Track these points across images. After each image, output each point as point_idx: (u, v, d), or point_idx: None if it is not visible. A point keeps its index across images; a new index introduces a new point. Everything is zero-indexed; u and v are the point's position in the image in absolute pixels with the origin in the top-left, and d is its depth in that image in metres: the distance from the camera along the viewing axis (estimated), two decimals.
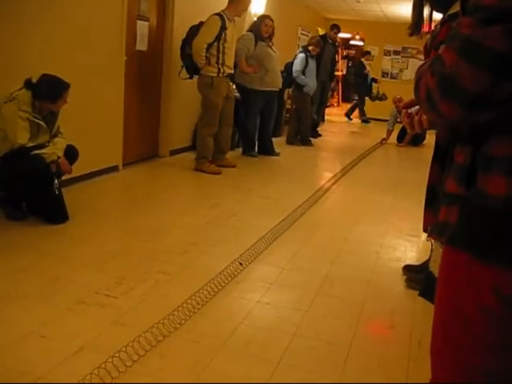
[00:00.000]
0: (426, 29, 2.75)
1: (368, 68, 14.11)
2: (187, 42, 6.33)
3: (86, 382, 2.20)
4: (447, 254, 1.33)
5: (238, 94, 7.59)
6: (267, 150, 8.13)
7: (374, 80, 14.14)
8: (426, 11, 2.54)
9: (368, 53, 14.53)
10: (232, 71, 6.70)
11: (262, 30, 7.57)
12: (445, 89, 1.17)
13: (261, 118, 8.08)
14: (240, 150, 8.06)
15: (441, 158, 1.40)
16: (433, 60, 1.20)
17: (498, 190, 1.16)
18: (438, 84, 1.17)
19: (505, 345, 1.29)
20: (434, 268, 3.19)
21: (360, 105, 14.42)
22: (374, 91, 13.93)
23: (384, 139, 10.62)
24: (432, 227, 1.44)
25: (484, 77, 1.10)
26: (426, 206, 1.51)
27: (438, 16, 2.62)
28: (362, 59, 14.26)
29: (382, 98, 13.66)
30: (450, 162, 1.33)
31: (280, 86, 8.17)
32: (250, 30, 7.73)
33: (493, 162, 1.18)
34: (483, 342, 1.29)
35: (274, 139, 8.40)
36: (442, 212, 1.33)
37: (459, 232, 1.25)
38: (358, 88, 14.33)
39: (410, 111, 1.65)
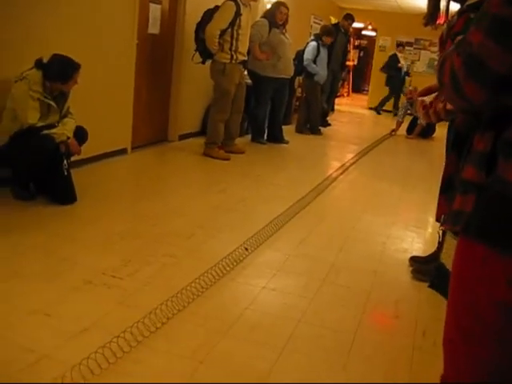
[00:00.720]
0: (441, 20, 2.73)
1: (402, 61, 13.58)
2: (201, 26, 6.28)
3: (90, 360, 2.20)
4: (462, 246, 1.31)
5: (249, 81, 7.57)
6: (277, 138, 8.11)
7: (407, 74, 13.65)
8: (443, 2, 2.51)
9: (401, 45, 14.13)
10: (245, 58, 6.66)
11: (276, 17, 7.52)
12: (470, 69, 1.14)
13: (272, 106, 8.05)
14: (249, 136, 8.04)
15: (458, 147, 1.37)
16: (459, 42, 1.17)
17: None
18: (464, 63, 1.14)
19: None
20: (446, 260, 3.17)
21: (387, 97, 14.00)
22: (406, 85, 13.37)
23: (393, 130, 10.57)
24: (446, 216, 1.42)
25: (511, 57, 1.08)
26: (440, 196, 1.49)
27: (454, 7, 2.60)
28: (396, 51, 13.83)
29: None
30: (468, 149, 1.30)
31: (292, 74, 8.14)
32: (264, 16, 7.68)
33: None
34: (495, 335, 1.27)
35: (284, 127, 8.38)
36: (456, 201, 1.31)
37: (474, 220, 1.23)
38: (391, 81, 13.70)
39: (425, 102, 1.63)
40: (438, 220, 1.42)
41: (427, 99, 1.61)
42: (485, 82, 1.12)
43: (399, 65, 13.44)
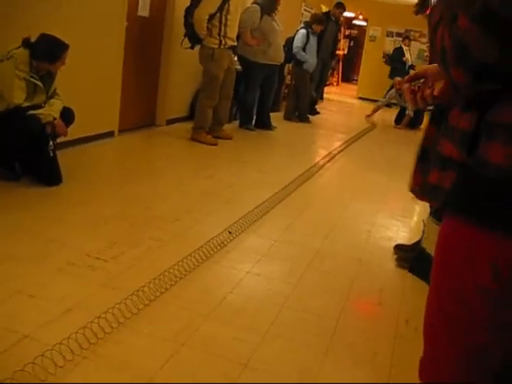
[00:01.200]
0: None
1: (407, 55, 13.03)
2: (190, 10, 6.24)
3: (71, 340, 2.20)
4: (446, 227, 1.31)
5: (239, 67, 7.55)
6: (264, 124, 8.10)
7: (412, 67, 12.96)
8: None
9: (407, 37, 13.55)
10: (235, 43, 6.63)
11: (275, 3, 7.56)
12: (457, 53, 1.14)
13: (261, 92, 8.05)
14: (237, 122, 8.02)
15: (438, 120, 1.37)
16: (451, 17, 1.15)
17: (498, 158, 1.15)
18: (453, 46, 1.14)
19: (500, 325, 1.29)
20: (427, 245, 3.21)
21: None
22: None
23: (368, 115, 10.60)
24: (420, 188, 1.42)
25: (494, 48, 1.07)
26: (416, 167, 1.49)
27: None
28: (402, 44, 13.24)
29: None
30: (445, 123, 1.31)
31: (282, 61, 8.13)
32: (256, 2, 7.67)
33: (496, 130, 1.16)
34: (484, 322, 1.28)
35: (271, 114, 8.37)
36: (433, 174, 1.32)
37: (454, 197, 1.25)
38: (394, 74, 12.45)
39: (412, 87, 1.63)
40: (412, 191, 1.42)
41: (415, 84, 1.61)
42: (468, 68, 1.13)
43: (404, 58, 12.95)
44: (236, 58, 7.52)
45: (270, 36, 7.56)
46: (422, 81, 1.54)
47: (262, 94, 8.08)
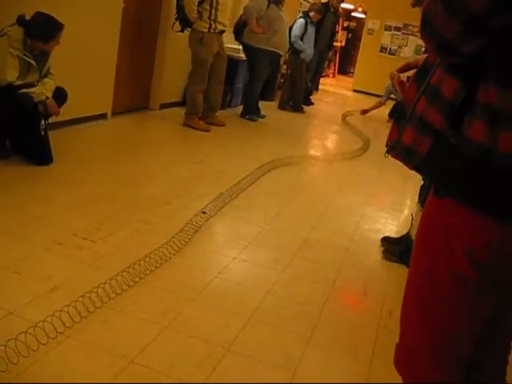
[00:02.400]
0: None
1: None
2: None
3: (54, 317, 2.20)
4: (425, 212, 1.33)
5: (242, 55, 7.56)
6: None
7: None
8: None
9: None
10: (225, 28, 6.56)
11: None
12: (424, 25, 1.16)
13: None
14: (230, 109, 8.00)
15: (421, 79, 1.37)
16: None
17: (476, 135, 1.16)
18: (423, 16, 1.17)
19: (473, 312, 1.30)
20: (414, 233, 3.23)
21: None
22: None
23: (365, 111, 10.60)
24: (393, 144, 1.43)
25: (454, 27, 1.09)
26: (395, 122, 1.49)
27: None
28: None
29: None
30: (428, 82, 1.31)
31: (286, 50, 8.13)
32: None
33: (478, 108, 1.17)
34: (452, 307, 1.30)
35: (267, 103, 8.36)
36: (408, 134, 1.33)
37: (428, 163, 1.26)
38: None
39: (401, 78, 1.64)
40: (386, 145, 1.43)
41: (404, 75, 1.62)
42: (433, 41, 1.14)
43: None
44: (241, 47, 7.57)
45: (275, 24, 7.56)
46: (412, 71, 1.55)
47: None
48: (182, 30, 6.35)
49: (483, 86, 1.16)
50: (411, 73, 1.55)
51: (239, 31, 7.60)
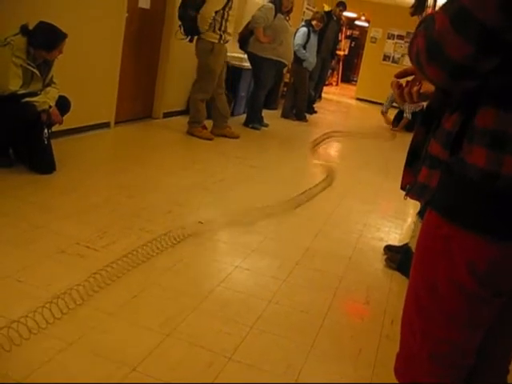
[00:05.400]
0: (430, 11, 2.73)
1: None
2: (189, 4, 6.18)
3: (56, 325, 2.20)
4: (427, 220, 1.33)
5: (247, 64, 7.61)
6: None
7: None
8: None
9: None
10: (231, 38, 6.62)
11: (283, 5, 7.63)
12: (431, 53, 1.16)
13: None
14: (234, 118, 8.00)
15: (428, 121, 1.40)
16: (428, 20, 1.18)
17: (478, 161, 1.17)
18: (426, 46, 1.17)
19: (473, 322, 1.30)
20: (413, 243, 3.22)
21: None
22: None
23: (392, 126, 10.55)
24: (410, 186, 1.44)
25: (468, 48, 1.09)
26: (406, 165, 1.51)
27: (441, 1, 2.60)
28: None
29: None
30: (437, 124, 1.33)
31: (291, 61, 8.17)
32: (271, 1, 7.73)
33: (476, 133, 1.18)
34: (452, 317, 1.30)
35: (270, 112, 8.37)
36: (422, 173, 1.34)
37: (438, 196, 1.26)
38: None
39: (399, 82, 1.64)
40: (402, 188, 1.45)
41: (402, 80, 1.63)
42: (444, 67, 1.15)
43: None
44: (246, 56, 7.64)
45: (281, 35, 7.60)
46: (411, 77, 1.56)
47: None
48: (191, 40, 6.36)
49: (482, 111, 1.17)
50: (409, 78, 1.56)
51: (245, 40, 7.63)
